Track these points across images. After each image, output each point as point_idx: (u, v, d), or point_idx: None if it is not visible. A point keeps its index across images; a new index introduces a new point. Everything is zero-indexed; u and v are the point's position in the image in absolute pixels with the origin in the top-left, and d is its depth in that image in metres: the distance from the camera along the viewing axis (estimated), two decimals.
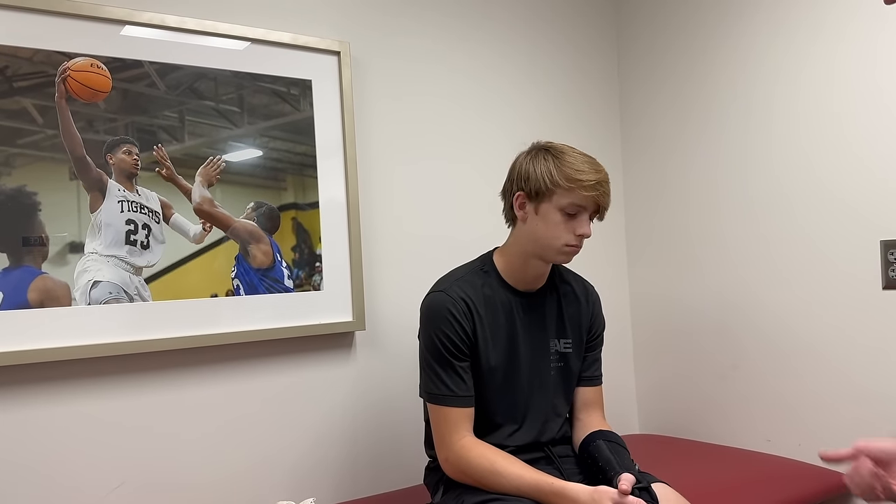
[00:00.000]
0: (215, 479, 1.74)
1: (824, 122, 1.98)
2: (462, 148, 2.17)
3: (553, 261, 1.53)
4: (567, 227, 1.46)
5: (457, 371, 1.48)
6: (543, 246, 1.49)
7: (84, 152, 1.59)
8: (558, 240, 1.47)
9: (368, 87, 2.02)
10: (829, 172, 1.98)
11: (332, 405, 1.92)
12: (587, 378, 1.65)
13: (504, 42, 2.30)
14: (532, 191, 1.48)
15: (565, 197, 1.45)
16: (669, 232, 2.42)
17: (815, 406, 2.04)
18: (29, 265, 1.52)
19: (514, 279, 1.57)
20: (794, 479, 1.91)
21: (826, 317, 2.00)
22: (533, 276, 1.56)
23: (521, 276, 1.56)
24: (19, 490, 1.51)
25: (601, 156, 2.48)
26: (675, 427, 2.44)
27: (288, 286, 1.84)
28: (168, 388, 1.69)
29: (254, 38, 1.81)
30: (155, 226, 1.67)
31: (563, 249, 1.48)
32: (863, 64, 1.90)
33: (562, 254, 1.49)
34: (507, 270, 1.57)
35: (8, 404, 1.51)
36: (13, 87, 1.52)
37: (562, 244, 1.47)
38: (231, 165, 1.77)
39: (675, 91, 2.38)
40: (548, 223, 1.47)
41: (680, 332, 2.40)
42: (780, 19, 2.08)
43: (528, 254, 1.53)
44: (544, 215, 1.47)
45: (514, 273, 1.56)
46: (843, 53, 1.94)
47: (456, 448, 1.46)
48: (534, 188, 1.47)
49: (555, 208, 1.46)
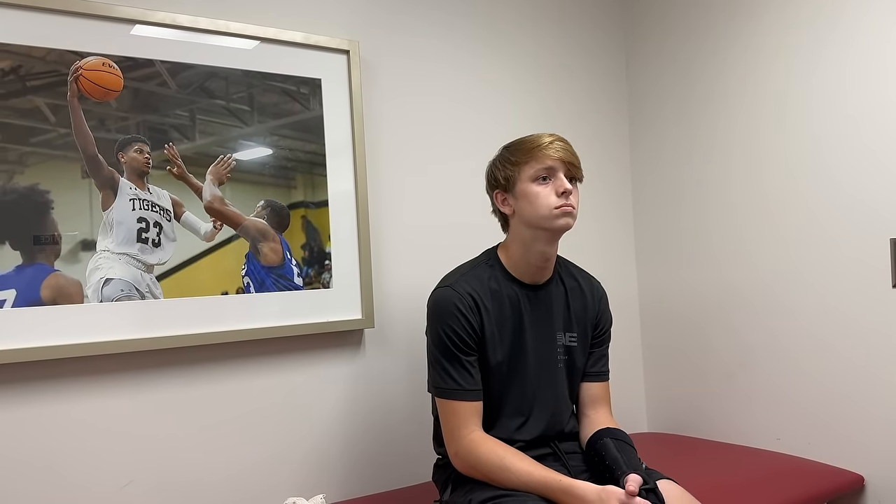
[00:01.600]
0: (225, 476, 1.75)
1: (836, 120, 1.98)
2: (470, 147, 2.18)
3: (554, 229, 1.51)
4: (546, 192, 1.50)
5: (464, 365, 1.49)
6: (539, 220, 1.50)
7: (96, 151, 1.60)
8: (546, 206, 1.49)
9: (377, 86, 2.03)
10: (839, 170, 1.97)
11: (341, 402, 1.93)
12: (594, 373, 1.66)
13: (511, 43, 2.30)
14: (503, 182, 1.55)
15: (529, 167, 1.51)
16: (678, 230, 2.42)
17: (825, 404, 2.03)
18: (42, 263, 1.53)
19: (519, 271, 1.57)
20: (805, 477, 1.91)
21: (836, 315, 2.00)
22: (537, 264, 1.56)
23: (526, 267, 1.57)
24: (30, 486, 1.53)
25: (609, 155, 2.52)
26: (684, 425, 2.43)
27: (297, 284, 1.85)
28: (178, 385, 1.70)
29: (264, 37, 1.82)
30: (166, 224, 1.68)
31: (555, 213, 1.49)
32: (876, 61, 1.89)
33: (557, 218, 1.49)
34: (512, 263, 1.58)
35: (21, 401, 1.52)
36: (26, 87, 1.53)
37: (551, 209, 1.49)
38: (241, 164, 1.78)
39: (683, 90, 2.38)
40: (530, 198, 1.50)
41: (689, 329, 2.40)
42: (791, 17, 2.07)
43: (529, 240, 1.54)
44: (523, 194, 1.51)
45: (518, 265, 1.57)
46: (857, 50, 1.93)
47: (465, 442, 1.47)
48: (503, 178, 1.55)
49: (527, 181, 1.51)
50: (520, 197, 1.52)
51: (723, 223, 2.28)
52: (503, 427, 1.55)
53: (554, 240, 1.55)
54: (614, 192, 2.54)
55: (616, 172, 2.54)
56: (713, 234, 2.31)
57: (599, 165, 2.48)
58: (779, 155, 2.11)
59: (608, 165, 2.52)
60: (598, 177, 2.46)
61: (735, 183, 2.24)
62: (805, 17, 2.03)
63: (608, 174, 2.52)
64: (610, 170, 2.52)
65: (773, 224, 2.13)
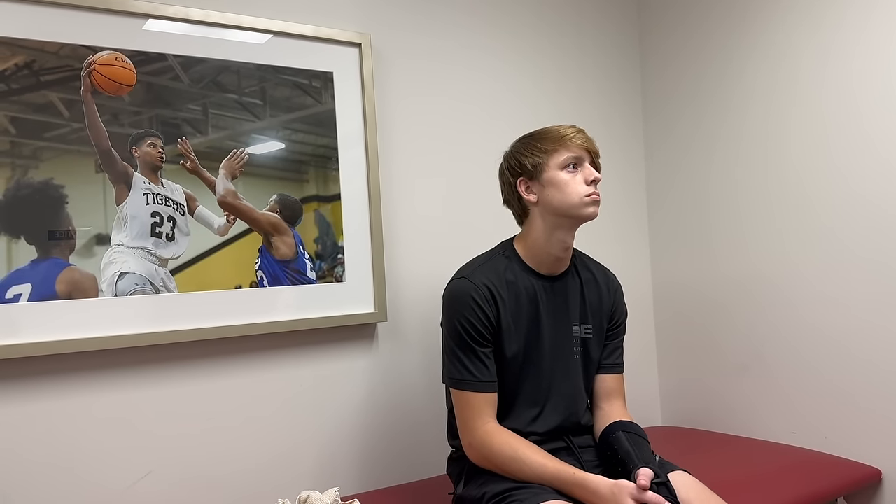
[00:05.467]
0: (240, 469, 1.76)
1: (847, 117, 1.96)
2: (482, 141, 2.17)
3: (583, 217, 1.51)
4: (576, 180, 1.51)
5: (479, 357, 1.49)
6: (567, 208, 1.50)
7: (110, 145, 1.60)
8: (576, 194, 1.50)
9: (389, 79, 2.02)
10: (852, 168, 1.95)
11: (355, 396, 1.93)
12: (609, 365, 1.65)
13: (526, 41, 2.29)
14: (530, 169, 1.54)
15: (559, 154, 1.51)
16: (692, 226, 2.41)
17: (840, 399, 2.01)
18: (57, 257, 1.54)
19: (536, 262, 1.57)
20: (821, 471, 1.90)
21: (850, 311, 1.98)
22: (557, 253, 1.56)
23: (544, 259, 1.56)
24: (47, 479, 1.54)
25: (623, 153, 2.50)
26: (698, 419, 2.42)
27: (311, 278, 1.85)
28: (193, 379, 1.71)
29: (276, 30, 1.81)
30: (180, 218, 1.68)
31: (584, 201, 1.50)
32: (884, 58, 1.87)
33: (586, 206, 1.50)
34: (529, 254, 1.57)
35: (36, 395, 1.54)
36: (40, 81, 1.54)
37: (581, 197, 1.50)
38: (254, 158, 1.78)
39: (696, 88, 2.36)
40: (559, 185, 1.51)
41: (703, 324, 2.39)
42: (802, 16, 2.05)
43: (551, 228, 1.53)
44: (551, 181, 1.51)
45: (536, 256, 1.57)
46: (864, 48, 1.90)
47: (479, 434, 1.47)
48: (530, 165, 1.54)
49: (556, 169, 1.51)
50: (547, 185, 1.51)
51: (737, 216, 2.26)
52: (518, 418, 1.54)
53: (575, 228, 1.55)
54: (629, 188, 2.52)
55: (631, 169, 2.53)
56: (727, 227, 2.29)
57: (615, 162, 2.46)
58: (791, 152, 2.09)
59: (623, 162, 2.51)
60: (614, 173, 2.45)
61: (749, 182, 2.22)
62: (816, 14, 2.01)
63: (623, 170, 2.50)
64: (625, 166, 2.51)
65: (788, 220, 2.11)
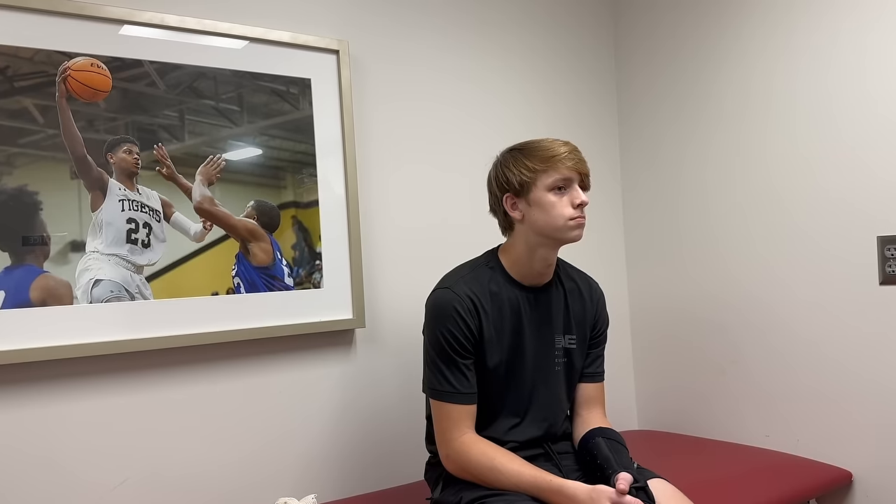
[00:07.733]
0: (217, 475, 1.75)
1: (821, 120, 1.99)
2: (460, 147, 2.18)
3: (566, 239, 1.52)
4: (563, 202, 1.49)
5: (460, 369, 1.49)
6: (551, 230, 1.50)
7: (85, 152, 1.59)
8: (561, 217, 1.49)
9: (367, 86, 2.03)
10: (825, 170, 1.99)
11: (333, 402, 1.93)
12: (589, 374, 1.66)
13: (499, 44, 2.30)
14: (517, 186, 1.51)
15: (548, 176, 1.49)
16: (668, 233, 2.43)
17: (813, 402, 2.04)
18: (31, 264, 1.53)
19: (520, 274, 1.57)
20: (793, 474, 1.93)
21: (824, 313, 2.01)
22: (539, 269, 1.56)
23: (528, 271, 1.57)
24: (23, 487, 1.52)
25: (599, 159, 2.53)
26: (674, 423, 2.45)
27: (288, 284, 1.84)
28: (169, 386, 1.70)
29: (253, 37, 1.81)
30: (156, 224, 1.68)
31: (569, 224, 1.49)
32: (856, 62, 1.91)
33: (571, 229, 1.50)
34: (513, 266, 1.57)
35: (11, 403, 1.52)
36: (14, 87, 1.52)
37: (566, 220, 1.49)
38: (231, 164, 1.78)
39: (672, 94, 2.39)
40: (544, 207, 1.49)
41: (679, 329, 2.41)
42: (776, 21, 2.08)
43: (534, 246, 1.53)
44: (538, 202, 1.50)
45: (520, 268, 1.57)
46: (838, 52, 1.94)
47: (456, 445, 1.47)
48: (517, 183, 1.51)
49: (544, 190, 1.49)
50: (534, 204, 1.50)
51: (712, 224, 2.29)
52: (497, 427, 1.55)
53: (558, 248, 1.55)
54: (605, 194, 2.54)
55: (607, 174, 2.55)
56: (702, 235, 2.32)
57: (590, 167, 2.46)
58: (765, 156, 2.13)
59: (599, 167, 2.52)
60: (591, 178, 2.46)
61: (723, 184, 2.25)
62: (788, 20, 2.05)
63: (599, 175, 2.51)
64: (601, 171, 2.53)
65: (762, 224, 2.15)
